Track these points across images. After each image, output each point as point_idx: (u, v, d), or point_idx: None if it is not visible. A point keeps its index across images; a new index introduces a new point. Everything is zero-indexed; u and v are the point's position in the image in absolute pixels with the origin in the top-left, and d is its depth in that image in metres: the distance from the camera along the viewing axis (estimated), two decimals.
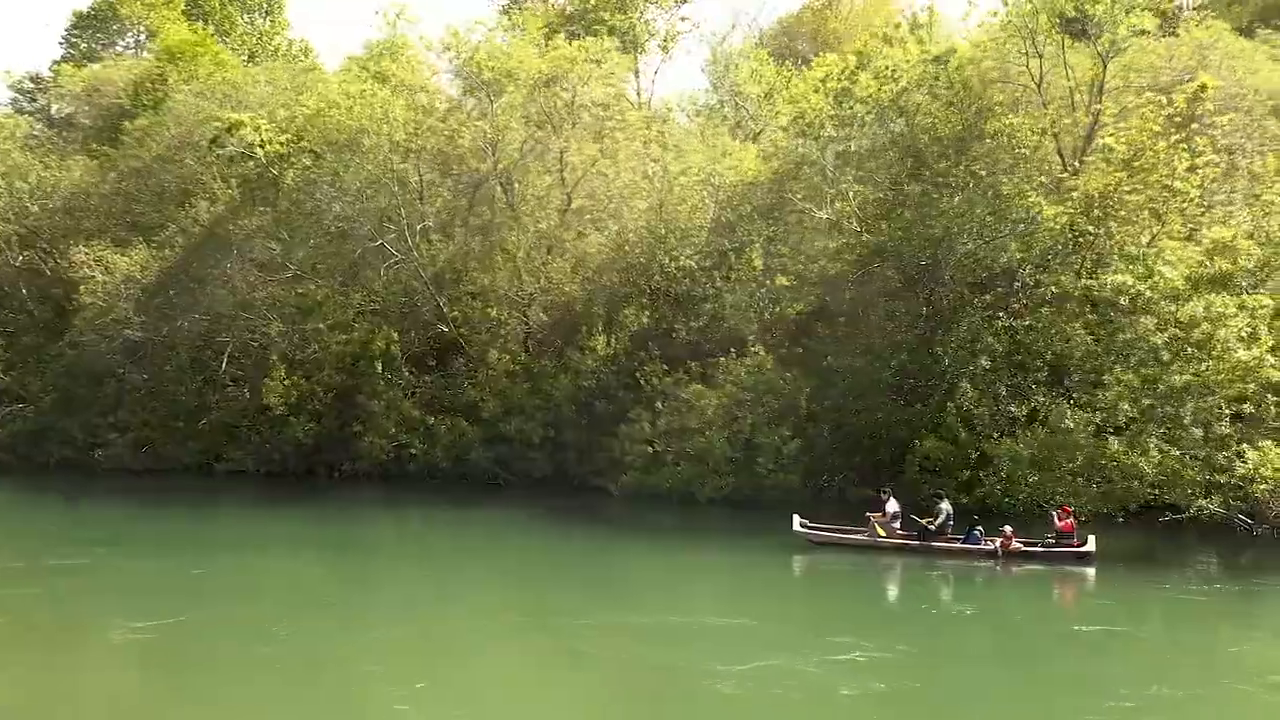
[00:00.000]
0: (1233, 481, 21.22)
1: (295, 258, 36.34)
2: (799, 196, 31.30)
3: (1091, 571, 22.78)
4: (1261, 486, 20.78)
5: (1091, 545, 23.00)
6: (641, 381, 30.65)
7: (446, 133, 34.95)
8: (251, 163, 36.44)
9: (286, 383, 34.35)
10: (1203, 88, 27.06)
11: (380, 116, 36.17)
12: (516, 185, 35.50)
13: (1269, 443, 21.15)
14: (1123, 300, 23.63)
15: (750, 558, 24.85)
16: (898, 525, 24.91)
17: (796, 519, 25.07)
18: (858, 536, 24.92)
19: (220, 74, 46.25)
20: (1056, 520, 23.64)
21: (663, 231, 32.39)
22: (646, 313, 31.75)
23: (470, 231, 36.20)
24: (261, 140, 36.17)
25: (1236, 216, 28.12)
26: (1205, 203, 26.48)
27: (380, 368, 33.69)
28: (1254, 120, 30.45)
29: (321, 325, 34.05)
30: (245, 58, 55.87)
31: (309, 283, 35.65)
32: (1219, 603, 20.52)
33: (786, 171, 31.47)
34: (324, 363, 35.03)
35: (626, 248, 33.24)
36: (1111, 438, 22.48)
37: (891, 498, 25.13)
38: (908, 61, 29.65)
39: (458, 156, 34.84)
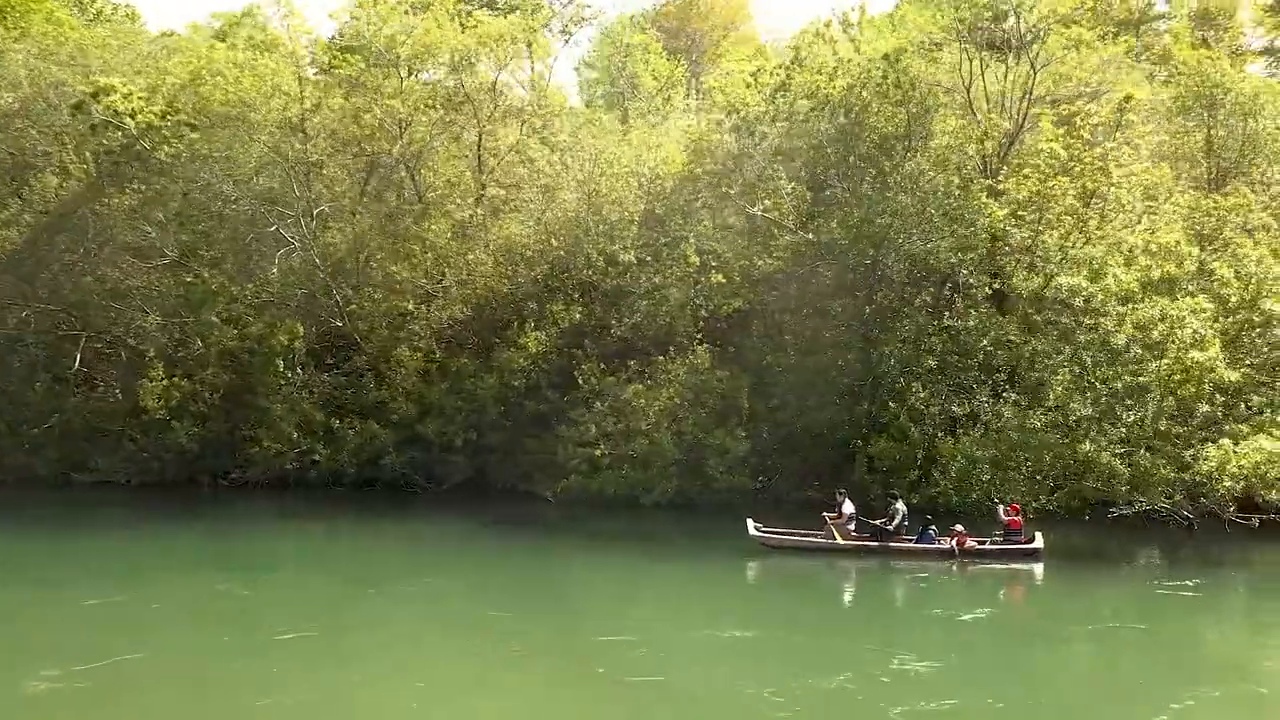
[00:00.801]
0: (1197, 479, 22.01)
1: (172, 242, 32.50)
2: (733, 192, 30.56)
3: (1040, 568, 23.19)
4: (1225, 483, 21.67)
5: (1040, 542, 23.45)
6: (581, 381, 29.06)
7: (351, 111, 32.12)
8: (120, 134, 32.24)
9: (166, 382, 30.65)
10: (1128, 98, 28.21)
11: (269, 90, 32.98)
12: (426, 171, 33.10)
13: (1228, 441, 22.09)
14: (1078, 301, 24.20)
15: (707, 563, 23.77)
16: (853, 527, 24.61)
17: (751, 523, 24.33)
18: (816, 539, 24.43)
19: (57, 33, 40.95)
20: (1004, 515, 24.01)
21: (590, 223, 30.88)
22: (579, 308, 30.13)
23: (374, 218, 33.47)
24: (132, 109, 32.07)
25: (1144, 223, 29.51)
26: (1130, 209, 27.56)
27: (282, 365, 30.53)
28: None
29: (214, 318, 30.51)
30: None
31: (192, 270, 31.92)
32: (1181, 595, 20.98)
33: (717, 169, 30.61)
34: (208, 360, 31.47)
35: (554, 240, 31.52)
36: (1086, 440, 22.89)
37: (847, 499, 24.82)
38: (841, 59, 29.46)
39: (366, 136, 32.04)
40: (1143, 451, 22.54)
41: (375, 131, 31.98)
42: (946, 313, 27.53)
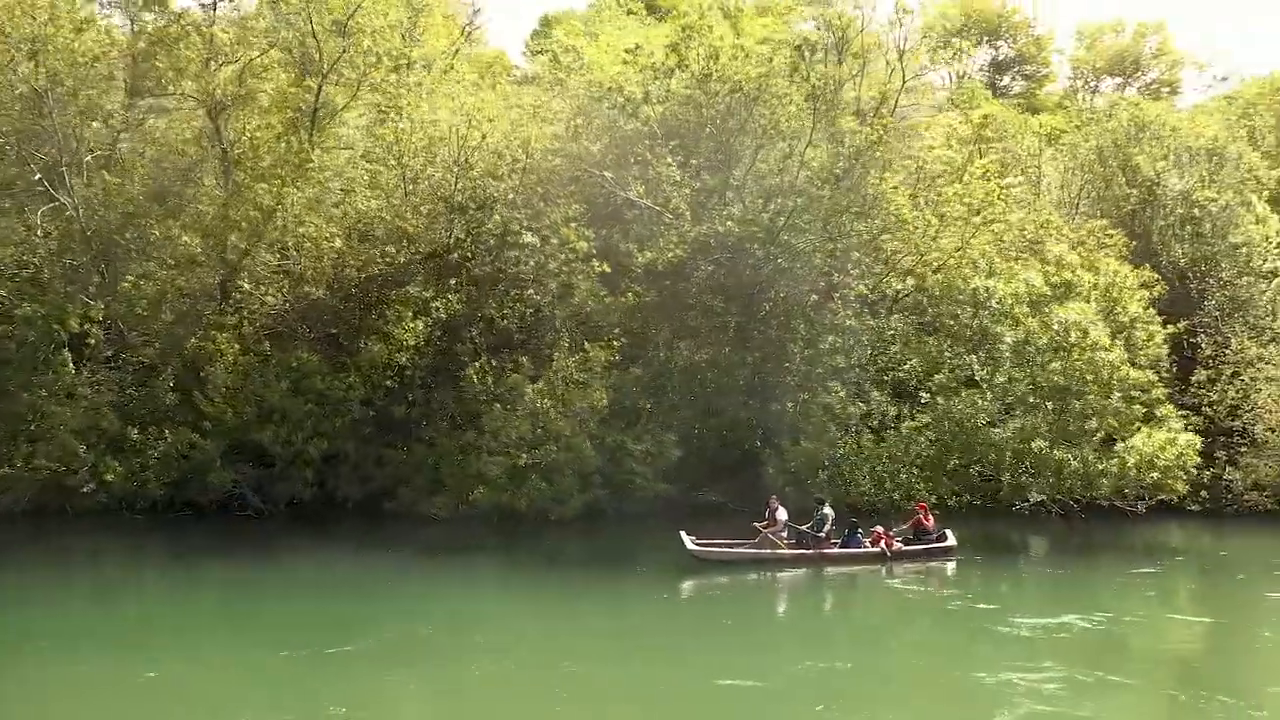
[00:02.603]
0: (1127, 471, 23.65)
1: None
2: (610, 175, 28.25)
3: (953, 564, 23.81)
4: (1153, 474, 23.51)
5: (952, 539, 24.14)
6: (476, 379, 25.09)
7: (145, 41, 25.26)
8: None
9: None
10: (986, 116, 30.05)
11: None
12: (237, 123, 26.94)
13: (1141, 435, 24.01)
14: (993, 304, 25.16)
15: (643, 583, 20.95)
16: (786, 534, 23.68)
17: (687, 537, 22.37)
18: (759, 551, 23.08)
19: None
20: (924, 517, 24.46)
21: (459, 198, 26.92)
22: (456, 296, 26.01)
23: (162, 174, 26.70)
24: None
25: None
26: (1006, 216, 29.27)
27: (69, 358, 23.20)
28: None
29: None
30: None
31: None
32: (1105, 582, 22.16)
33: (590, 151, 28.13)
34: None
35: (416, 216, 26.99)
36: (1037, 438, 23.71)
37: (780, 506, 23.76)
38: (733, 46, 28.34)
39: (176, 69, 25.33)
40: (1076, 448, 23.87)
41: (184, 66, 25.43)
42: (851, 313, 27.40)
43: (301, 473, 25.46)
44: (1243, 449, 28.98)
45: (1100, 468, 23.18)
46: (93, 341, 24.05)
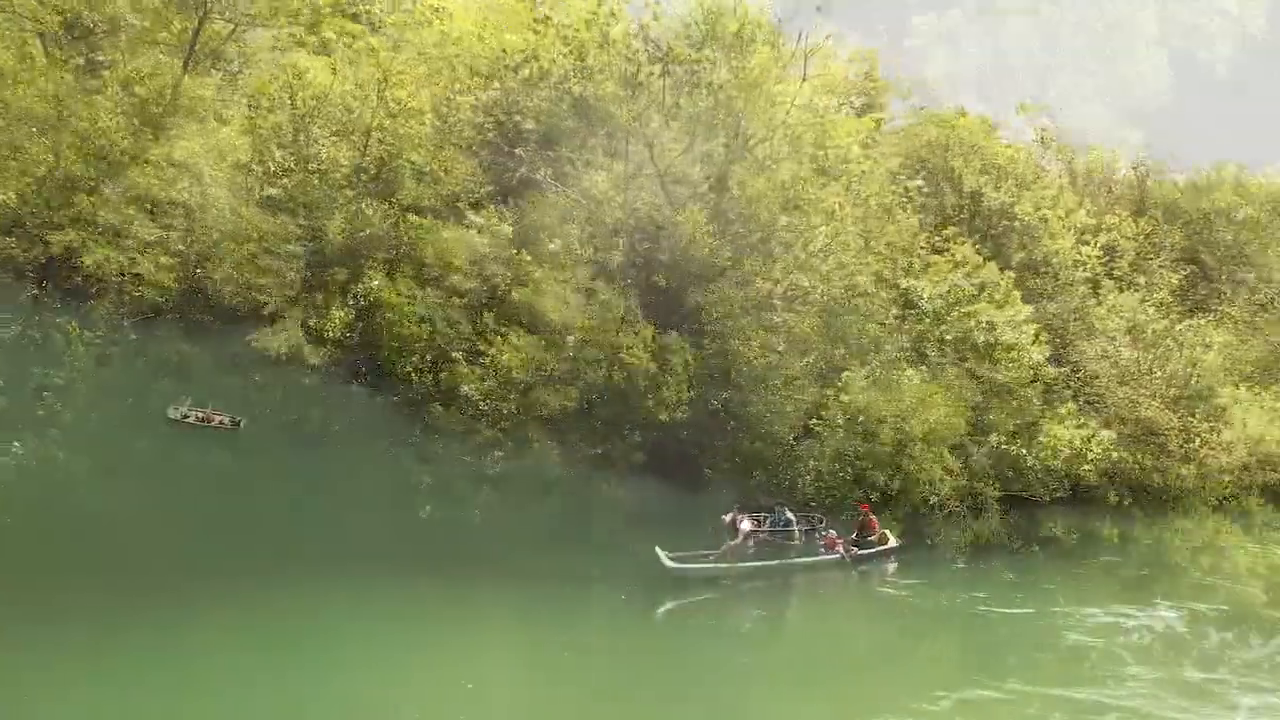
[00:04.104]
0: (1060, 462, 24.77)
1: None
2: (520, 154, 25.75)
3: (894, 564, 24.17)
4: (1085, 466, 24.81)
5: (894, 540, 24.58)
6: (416, 376, 21.59)
7: None
8: None
9: None
10: (879, 120, 30.82)
11: None
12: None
13: (1066, 430, 25.33)
14: (924, 304, 25.64)
15: (630, 607, 19.04)
16: (751, 543, 22.86)
17: (663, 552, 20.88)
18: (733, 562, 21.96)
19: None
20: (874, 520, 24.67)
21: (372, 166, 23.20)
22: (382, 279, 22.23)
23: None
24: None
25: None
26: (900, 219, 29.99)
27: None
28: None
29: None
30: None
31: None
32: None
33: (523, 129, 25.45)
34: None
35: (320, 183, 22.74)
36: (992, 435, 24.19)
37: (746, 517, 22.83)
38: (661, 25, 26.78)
39: None
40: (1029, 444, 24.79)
41: None
42: (779, 309, 26.84)
43: None
44: None
45: (1053, 462, 24.28)
46: None
